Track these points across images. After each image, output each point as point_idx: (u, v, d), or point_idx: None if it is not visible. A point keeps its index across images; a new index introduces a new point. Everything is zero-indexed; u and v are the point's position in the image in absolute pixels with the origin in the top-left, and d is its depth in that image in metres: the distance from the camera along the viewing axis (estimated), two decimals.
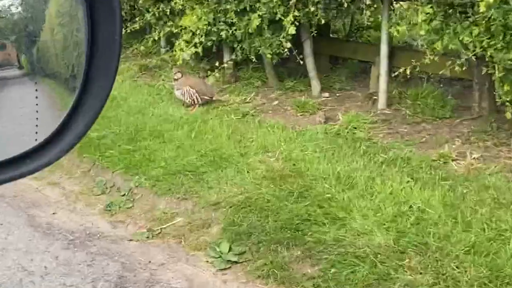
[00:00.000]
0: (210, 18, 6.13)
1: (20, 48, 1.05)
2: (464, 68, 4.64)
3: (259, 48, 5.97)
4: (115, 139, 5.41)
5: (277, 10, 5.47)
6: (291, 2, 5.33)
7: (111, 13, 0.90)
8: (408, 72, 4.96)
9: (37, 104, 0.99)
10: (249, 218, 3.96)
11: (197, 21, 6.13)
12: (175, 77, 6.26)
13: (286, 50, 5.76)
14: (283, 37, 5.64)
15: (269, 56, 5.92)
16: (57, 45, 1.06)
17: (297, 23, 5.55)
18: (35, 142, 0.95)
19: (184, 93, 6.11)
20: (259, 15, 5.62)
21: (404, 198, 3.98)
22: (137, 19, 7.51)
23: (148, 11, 7.18)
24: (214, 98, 6.20)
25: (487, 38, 4.28)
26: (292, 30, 5.45)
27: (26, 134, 0.99)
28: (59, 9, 1.06)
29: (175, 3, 6.48)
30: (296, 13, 5.35)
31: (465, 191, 4.07)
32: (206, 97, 6.13)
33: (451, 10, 4.55)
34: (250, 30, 5.82)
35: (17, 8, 1.04)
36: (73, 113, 0.96)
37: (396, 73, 5.21)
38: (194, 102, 6.10)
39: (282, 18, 5.48)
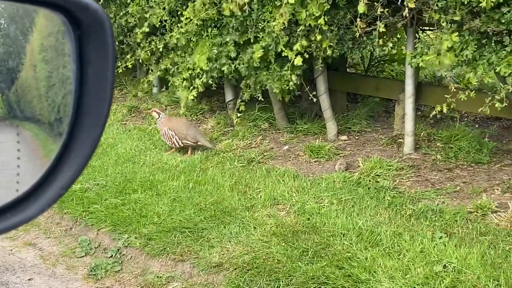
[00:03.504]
0: (213, 53, 6.19)
1: None
2: (504, 105, 4.65)
3: (266, 83, 6.00)
4: (101, 192, 5.42)
5: (280, 41, 5.52)
6: (298, 30, 5.37)
7: (103, 46, 0.92)
8: (440, 110, 4.96)
9: (19, 150, 1.00)
10: (257, 282, 3.94)
11: (204, 57, 6.20)
12: (155, 116, 6.51)
13: (293, 85, 5.78)
14: (287, 69, 5.68)
15: (277, 91, 5.95)
16: (40, 84, 1.07)
17: (306, 56, 5.59)
18: (16, 193, 0.96)
19: (164, 134, 6.28)
20: (262, 46, 5.67)
21: (437, 256, 3.96)
22: (128, 56, 7.60)
23: (139, 45, 7.27)
24: (199, 143, 6.24)
25: None
26: (298, 61, 5.48)
27: (6, 184, 1.00)
28: (43, 43, 1.07)
29: (171, 36, 6.56)
30: (304, 42, 5.39)
31: (508, 247, 4.04)
32: (187, 142, 6.19)
33: (485, 40, 4.59)
34: (254, 64, 5.87)
35: None
36: (58, 162, 0.97)
37: (424, 110, 5.21)
38: (174, 145, 6.23)
39: (283, 49, 5.53)
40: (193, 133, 6.23)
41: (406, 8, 4.72)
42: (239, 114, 6.49)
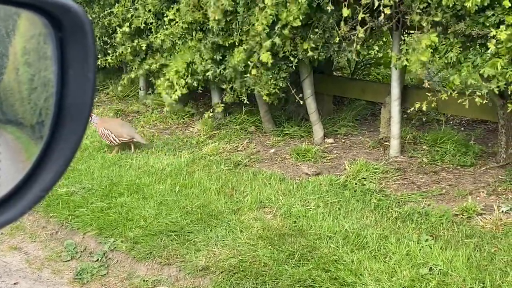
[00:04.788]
0: (197, 56, 6.19)
1: None
2: (485, 102, 4.66)
3: (253, 87, 6.00)
4: (87, 195, 5.40)
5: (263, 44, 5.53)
6: (279, 30, 5.36)
7: (84, 47, 0.92)
8: (423, 107, 4.99)
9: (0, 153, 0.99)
10: (243, 285, 3.93)
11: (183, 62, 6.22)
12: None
13: (278, 89, 5.80)
14: (276, 72, 5.71)
15: (265, 97, 5.95)
16: (22, 87, 1.06)
17: (292, 59, 5.60)
18: None
19: (101, 134, 6.47)
20: (244, 49, 5.67)
21: (423, 259, 3.97)
22: (109, 51, 7.60)
23: (123, 46, 7.27)
24: (134, 140, 6.44)
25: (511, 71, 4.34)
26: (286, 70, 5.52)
27: None
28: (25, 46, 1.07)
29: (155, 37, 6.56)
30: (289, 48, 5.39)
31: (493, 250, 4.06)
32: (123, 139, 6.38)
33: (470, 43, 4.62)
34: (240, 68, 5.87)
35: None
36: (39, 163, 0.96)
37: (410, 110, 5.25)
38: (112, 143, 6.42)
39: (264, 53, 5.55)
40: (127, 131, 6.47)
41: (383, 14, 4.77)
42: (210, 114, 6.56)
